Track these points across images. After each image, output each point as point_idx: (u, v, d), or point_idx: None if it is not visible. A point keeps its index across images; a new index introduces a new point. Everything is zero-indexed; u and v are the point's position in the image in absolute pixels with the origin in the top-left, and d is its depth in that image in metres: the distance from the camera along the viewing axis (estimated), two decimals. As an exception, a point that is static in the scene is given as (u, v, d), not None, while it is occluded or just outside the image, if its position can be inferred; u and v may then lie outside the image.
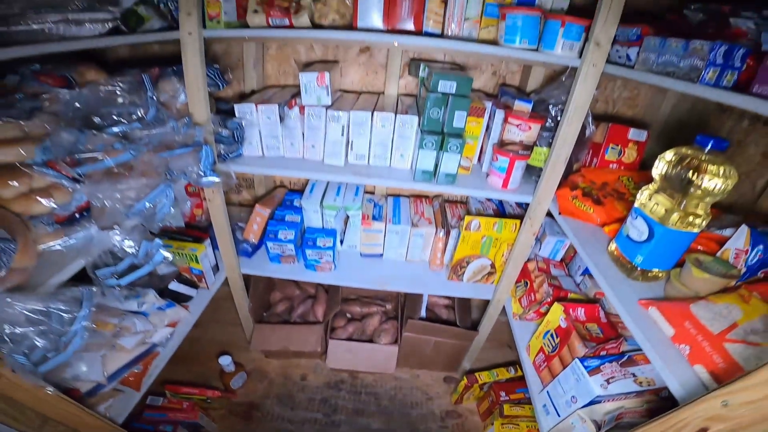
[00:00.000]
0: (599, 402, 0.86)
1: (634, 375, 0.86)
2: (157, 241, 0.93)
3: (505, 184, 1.11)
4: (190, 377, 1.48)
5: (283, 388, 1.50)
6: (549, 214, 1.17)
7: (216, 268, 1.33)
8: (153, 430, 1.20)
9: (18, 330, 0.63)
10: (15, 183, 0.70)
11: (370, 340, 1.50)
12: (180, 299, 1.19)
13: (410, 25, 1.03)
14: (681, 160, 0.73)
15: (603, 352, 0.95)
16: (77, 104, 0.85)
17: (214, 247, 1.30)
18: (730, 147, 0.69)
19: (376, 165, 1.15)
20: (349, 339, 1.51)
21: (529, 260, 1.29)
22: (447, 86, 1.03)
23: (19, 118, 0.75)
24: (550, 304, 1.11)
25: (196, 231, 1.29)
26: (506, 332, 1.68)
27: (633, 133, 1.15)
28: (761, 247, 0.73)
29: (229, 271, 1.35)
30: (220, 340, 1.64)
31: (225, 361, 1.39)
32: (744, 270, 0.75)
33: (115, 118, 0.90)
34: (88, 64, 0.93)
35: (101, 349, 0.91)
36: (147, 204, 0.85)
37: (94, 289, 0.76)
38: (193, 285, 1.24)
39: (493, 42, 1.01)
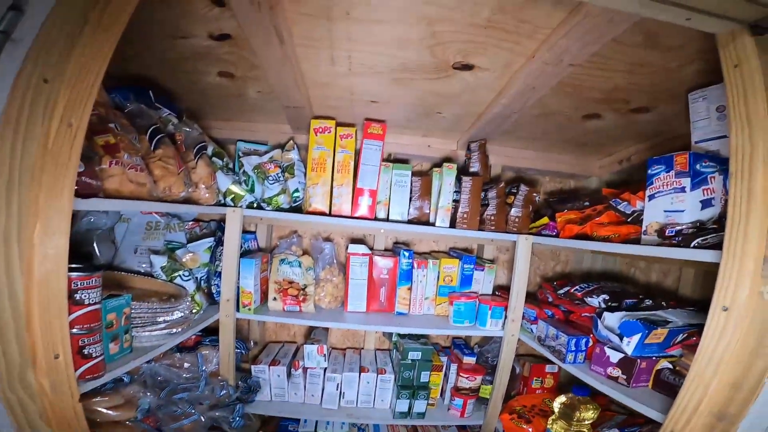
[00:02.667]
0: None
1: None
2: None
3: (462, 414, 1.48)
4: None
5: None
6: None
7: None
8: None
9: None
10: None
11: None
12: None
13: (385, 307, 1.42)
14: (567, 400, 1.21)
15: None
16: (158, 377, 1.17)
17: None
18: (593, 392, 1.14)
19: (363, 407, 1.48)
20: None
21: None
22: (415, 355, 1.40)
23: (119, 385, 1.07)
24: None
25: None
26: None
27: (548, 368, 1.57)
28: None
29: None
30: None
31: None
32: None
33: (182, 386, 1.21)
34: None
35: None
36: None
37: None
38: None
39: (446, 317, 1.41)
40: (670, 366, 0.98)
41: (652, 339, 0.98)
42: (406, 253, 1.39)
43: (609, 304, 1.18)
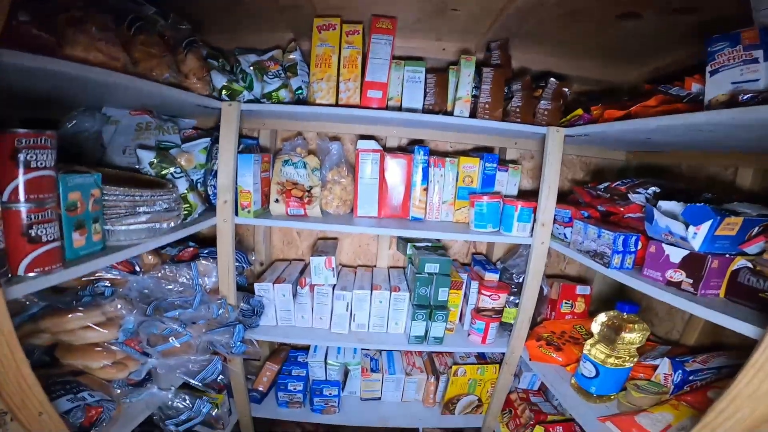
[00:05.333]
0: None
1: None
2: (205, 398, 1.13)
3: (483, 340, 1.34)
4: None
5: None
6: None
7: (230, 411, 1.46)
8: None
9: None
10: (105, 360, 0.94)
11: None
12: None
13: (398, 212, 1.28)
14: (609, 321, 1.04)
15: None
16: (145, 290, 1.06)
17: (229, 395, 1.44)
18: (642, 311, 1.01)
19: (375, 332, 1.35)
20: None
21: (511, 392, 1.50)
22: (432, 268, 1.26)
23: (99, 303, 0.95)
24: (534, 426, 1.31)
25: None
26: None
27: (580, 289, 1.42)
28: (680, 371, 1.00)
29: (242, 416, 1.47)
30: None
31: None
32: (672, 387, 1.01)
33: (174, 302, 1.10)
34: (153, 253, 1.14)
35: None
36: (206, 376, 1.08)
37: None
38: (211, 426, 1.36)
39: (466, 224, 1.27)
40: (750, 265, 0.78)
41: (725, 230, 0.79)
42: (421, 150, 1.25)
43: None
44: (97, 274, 0.99)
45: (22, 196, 0.63)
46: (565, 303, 1.41)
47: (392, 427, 1.85)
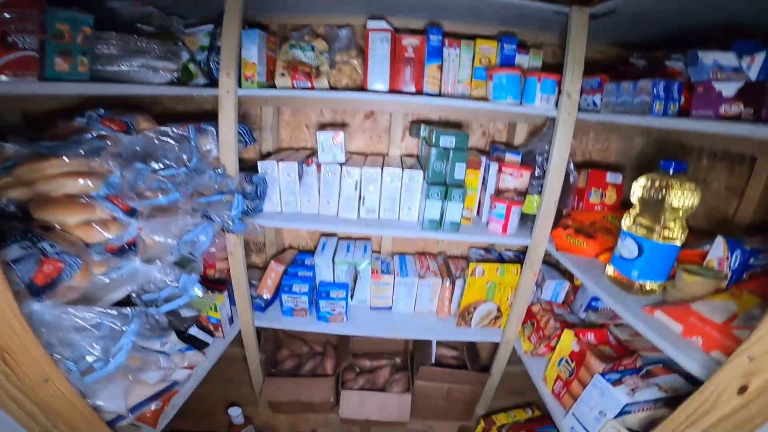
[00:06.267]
0: (630, 412, 0.88)
1: (657, 385, 0.90)
2: (194, 276, 0.99)
3: (504, 229, 1.22)
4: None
5: (293, 444, 1.46)
6: (546, 262, 1.27)
7: (231, 320, 1.36)
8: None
9: (72, 337, 0.67)
10: (83, 214, 0.79)
11: (382, 391, 1.50)
12: (198, 345, 1.21)
13: (412, 88, 1.20)
14: (652, 184, 0.86)
15: (620, 368, 1.00)
16: (137, 148, 0.95)
17: (231, 301, 1.35)
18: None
19: (386, 218, 1.25)
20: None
21: (532, 304, 1.36)
22: (447, 141, 1.17)
23: (85, 155, 0.84)
24: (560, 336, 1.16)
25: (214, 284, 1.34)
26: (516, 381, 1.70)
27: (610, 177, 1.29)
28: (738, 251, 0.83)
29: (244, 324, 1.37)
30: (228, 397, 1.61)
31: (234, 412, 1.36)
32: (729, 274, 0.85)
33: (166, 162, 1.00)
34: (144, 114, 1.05)
35: (125, 381, 0.93)
36: (193, 238, 0.94)
37: (142, 309, 0.83)
38: (210, 333, 1.27)
39: (484, 99, 1.17)
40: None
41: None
42: (435, 30, 1.17)
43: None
44: (87, 129, 0.90)
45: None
46: (594, 192, 1.29)
47: (404, 340, 1.75)
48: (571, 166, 1.22)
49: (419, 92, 1.20)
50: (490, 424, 1.39)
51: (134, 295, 0.94)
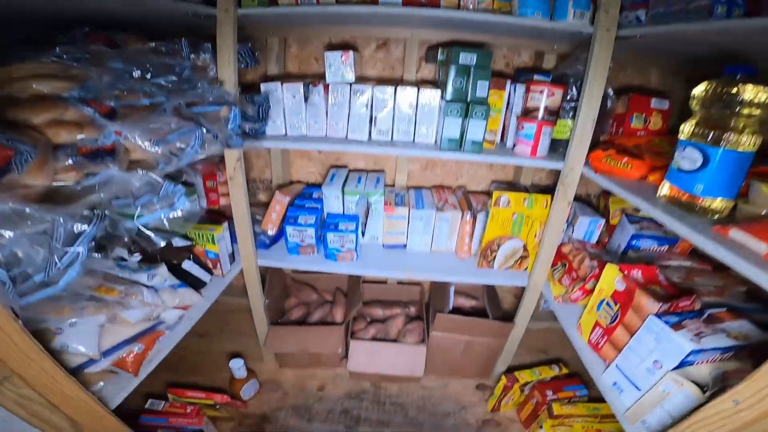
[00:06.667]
0: (692, 363, 0.73)
1: (725, 331, 0.74)
2: (180, 186, 0.88)
3: (533, 151, 1.09)
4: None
5: (299, 399, 1.36)
6: (577, 198, 1.12)
7: (232, 258, 1.26)
8: (149, 436, 1.04)
9: (6, 234, 0.53)
10: (52, 113, 0.68)
11: (394, 343, 1.39)
12: (193, 283, 1.11)
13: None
14: (716, 89, 0.70)
15: (678, 310, 0.84)
16: (121, 59, 0.84)
17: (232, 239, 1.25)
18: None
19: (400, 140, 1.13)
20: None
21: (563, 244, 1.22)
22: (468, 58, 1.05)
23: (65, 61, 0.75)
24: (598, 277, 1.01)
25: (214, 215, 1.25)
26: (539, 339, 1.57)
27: (655, 102, 1.15)
28: None
29: (246, 261, 1.27)
30: (230, 350, 1.52)
31: (236, 364, 1.27)
32: None
33: (153, 72, 0.88)
34: (136, 34, 0.96)
35: (100, 317, 0.83)
36: (177, 139, 0.83)
37: (107, 212, 0.70)
38: (208, 270, 1.17)
39: (508, 14, 1.04)
40: None
41: None
42: None
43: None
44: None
45: None
46: (637, 117, 1.14)
47: (419, 289, 1.63)
48: (610, 90, 1.09)
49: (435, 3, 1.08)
50: (513, 381, 1.26)
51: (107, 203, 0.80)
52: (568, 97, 1.10)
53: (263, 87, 1.12)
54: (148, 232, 0.88)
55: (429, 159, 1.45)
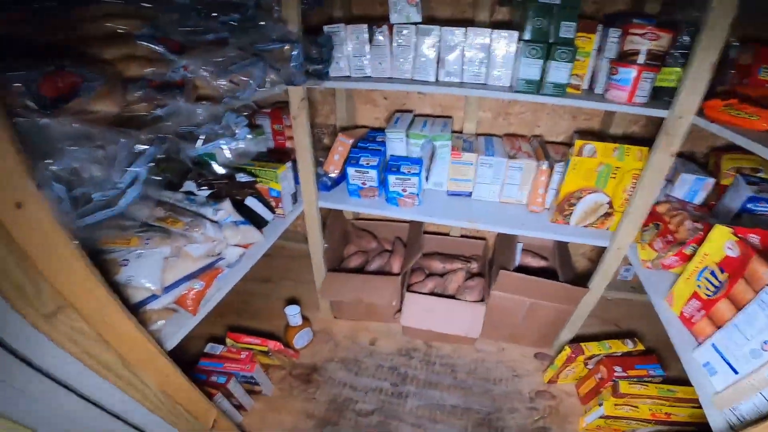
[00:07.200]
0: None
1: None
2: (242, 117, 0.88)
3: (630, 96, 0.93)
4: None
5: (350, 352, 1.37)
6: (679, 154, 0.96)
7: (294, 198, 1.27)
8: (204, 380, 1.07)
9: (68, 147, 0.51)
10: (119, 49, 0.70)
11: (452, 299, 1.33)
12: (255, 221, 1.12)
13: None
14: None
15: None
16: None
17: (295, 180, 1.26)
18: None
19: (470, 81, 1.03)
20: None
21: (658, 203, 1.06)
22: None
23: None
24: (700, 242, 0.86)
25: (280, 155, 1.26)
26: (611, 309, 1.41)
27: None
28: None
29: (307, 202, 1.26)
30: (290, 297, 1.58)
31: (292, 311, 1.29)
32: None
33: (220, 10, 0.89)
34: None
35: (165, 248, 0.81)
36: (240, 70, 0.82)
37: (169, 136, 0.70)
38: (270, 208, 1.19)
39: None
40: None
41: None
42: None
43: None
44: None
45: None
46: (765, 68, 0.93)
47: (483, 243, 1.54)
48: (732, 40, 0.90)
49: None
50: (578, 353, 1.14)
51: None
52: (678, 43, 0.92)
53: (326, 29, 1.09)
54: (209, 160, 0.91)
55: (501, 107, 1.33)
